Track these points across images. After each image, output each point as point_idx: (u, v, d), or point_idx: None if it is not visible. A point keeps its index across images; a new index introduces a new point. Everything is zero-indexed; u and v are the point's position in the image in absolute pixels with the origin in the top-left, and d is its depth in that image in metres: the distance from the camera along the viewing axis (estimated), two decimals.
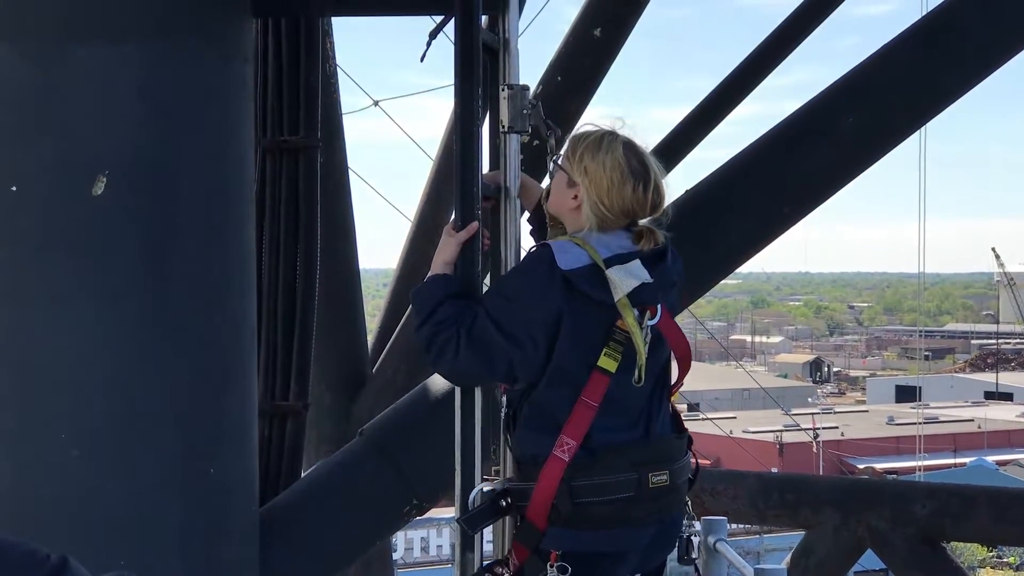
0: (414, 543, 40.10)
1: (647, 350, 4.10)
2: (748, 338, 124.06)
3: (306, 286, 6.28)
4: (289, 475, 6.33)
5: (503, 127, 4.54)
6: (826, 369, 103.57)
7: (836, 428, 59.65)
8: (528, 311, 4.06)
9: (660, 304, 4.17)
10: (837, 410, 72.08)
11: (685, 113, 9.88)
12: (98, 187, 5.05)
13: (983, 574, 42.16)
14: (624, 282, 4.06)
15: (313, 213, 6.27)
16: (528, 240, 4.62)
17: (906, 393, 76.02)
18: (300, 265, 6.26)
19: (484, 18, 4.62)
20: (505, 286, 4.26)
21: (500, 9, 4.72)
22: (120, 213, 5.11)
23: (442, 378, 4.80)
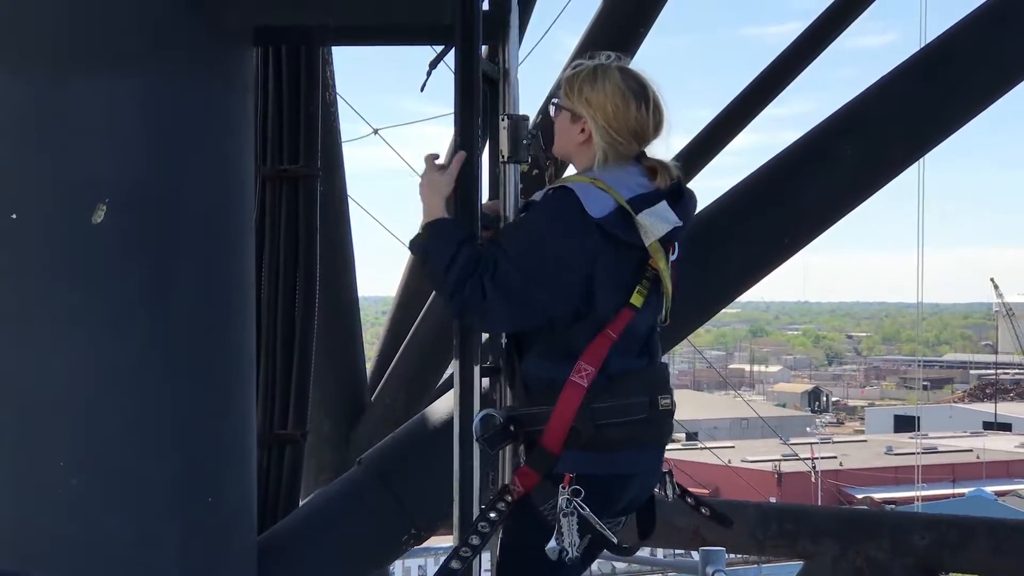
0: (412, 572, 40.00)
1: (655, 288, 4.22)
2: (747, 367, 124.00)
3: (305, 314, 6.28)
4: (287, 503, 6.31)
5: (502, 157, 4.55)
6: (824, 399, 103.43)
7: (835, 458, 59.50)
8: (559, 255, 4.08)
9: (677, 241, 4.27)
10: (835, 440, 71.87)
11: (685, 142, 9.90)
12: (98, 215, 5.05)
13: None
14: (655, 226, 4.13)
15: (313, 242, 6.27)
16: None
17: (905, 423, 75.79)
18: (299, 293, 6.26)
19: (484, 48, 4.64)
20: (529, 230, 4.23)
21: (500, 39, 4.74)
22: (120, 241, 5.11)
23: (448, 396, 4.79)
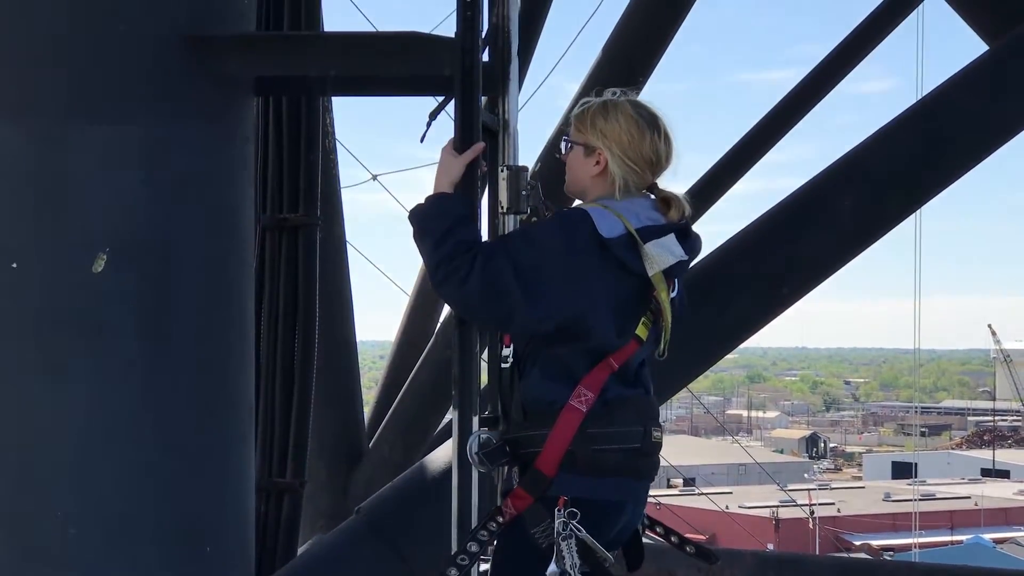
0: None
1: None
2: (744, 413, 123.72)
3: (304, 364, 6.28)
4: (285, 552, 6.30)
5: (502, 208, 4.55)
6: (822, 445, 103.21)
7: (832, 504, 59.37)
8: (554, 265, 4.08)
9: (677, 279, 4.28)
10: (833, 486, 71.72)
11: (684, 188, 9.91)
12: (99, 264, 5.06)
13: None
14: (661, 257, 4.15)
15: (312, 291, 6.28)
16: None
17: (902, 469, 75.74)
18: (298, 342, 6.26)
19: (483, 99, 4.66)
20: (534, 235, 4.23)
21: (500, 91, 4.75)
22: (120, 290, 5.12)
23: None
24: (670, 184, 4.40)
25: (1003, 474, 76.19)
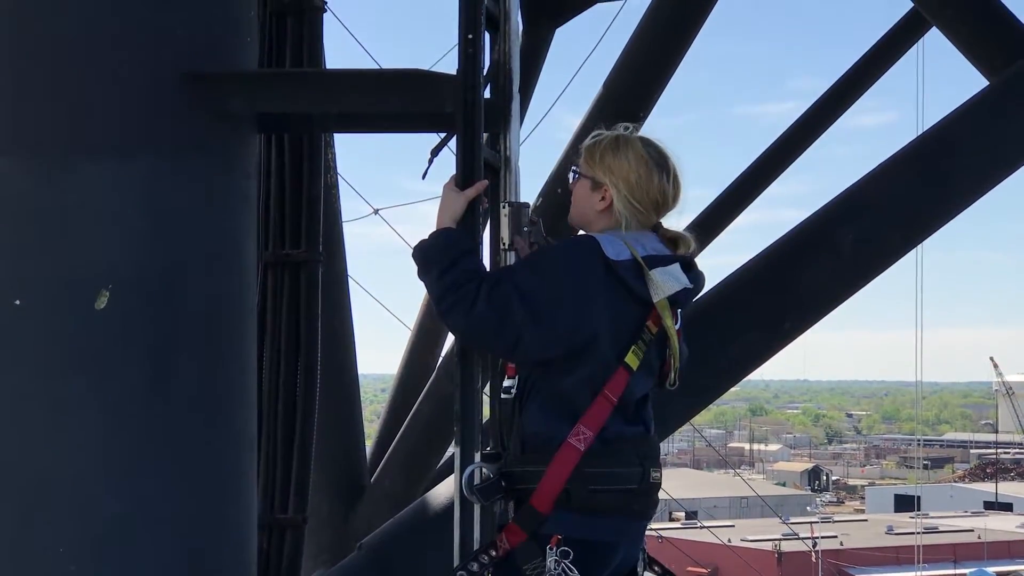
0: None
1: (655, 352, 4.22)
2: (746, 446, 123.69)
3: (306, 400, 6.27)
4: None
5: (504, 244, 4.56)
6: (824, 477, 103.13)
7: (835, 537, 59.27)
8: (562, 289, 4.09)
9: (680, 310, 4.29)
10: (836, 519, 71.62)
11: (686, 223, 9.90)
12: (101, 300, 5.06)
13: None
14: (666, 284, 4.17)
15: (314, 327, 6.27)
16: None
17: (905, 502, 75.55)
18: (300, 379, 6.25)
19: (485, 135, 4.66)
20: (539, 261, 4.27)
21: (501, 127, 4.76)
22: (122, 326, 5.11)
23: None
24: (673, 220, 4.41)
25: (1006, 507, 76.10)
